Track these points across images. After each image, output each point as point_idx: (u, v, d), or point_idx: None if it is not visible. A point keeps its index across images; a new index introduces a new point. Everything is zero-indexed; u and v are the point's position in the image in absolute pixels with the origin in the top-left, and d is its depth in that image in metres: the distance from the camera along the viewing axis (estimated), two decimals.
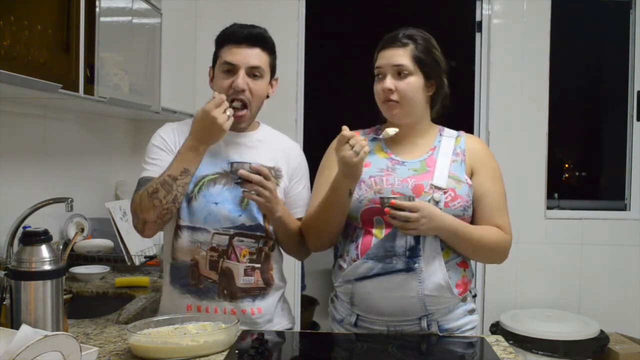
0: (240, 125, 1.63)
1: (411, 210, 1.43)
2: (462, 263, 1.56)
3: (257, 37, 1.60)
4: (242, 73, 1.57)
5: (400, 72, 1.55)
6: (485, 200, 1.57)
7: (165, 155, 1.60)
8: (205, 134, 1.50)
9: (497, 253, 1.59)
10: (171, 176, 1.50)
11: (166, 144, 1.63)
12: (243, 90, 1.58)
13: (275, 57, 1.66)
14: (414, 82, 1.55)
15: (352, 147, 1.41)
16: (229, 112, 1.50)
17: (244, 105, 1.60)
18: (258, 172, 1.49)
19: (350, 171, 1.44)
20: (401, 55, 1.55)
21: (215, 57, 1.64)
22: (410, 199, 1.47)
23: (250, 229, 1.60)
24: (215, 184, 1.61)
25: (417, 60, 1.55)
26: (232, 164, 1.57)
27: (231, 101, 1.56)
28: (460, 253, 1.55)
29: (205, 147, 1.52)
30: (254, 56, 1.59)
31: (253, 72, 1.59)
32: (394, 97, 1.55)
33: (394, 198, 1.46)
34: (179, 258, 1.61)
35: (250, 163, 1.54)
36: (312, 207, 1.62)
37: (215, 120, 1.47)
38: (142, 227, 1.56)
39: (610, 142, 3.93)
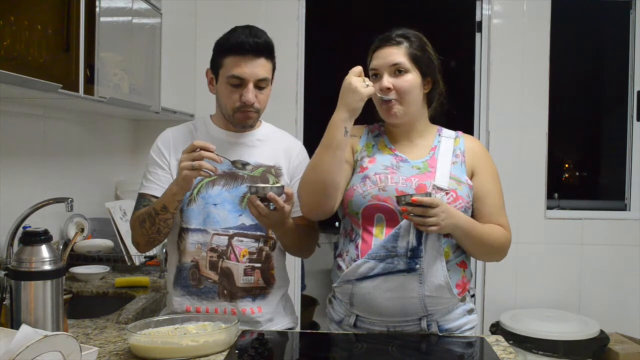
0: (249, 124, 1.65)
1: (431, 205, 1.42)
2: (462, 263, 1.56)
3: (262, 47, 1.58)
4: (251, 87, 1.58)
5: (397, 70, 1.55)
6: (487, 200, 1.59)
7: (161, 172, 1.64)
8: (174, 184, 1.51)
9: (502, 251, 1.61)
10: (155, 210, 1.54)
11: (162, 157, 1.65)
12: (252, 104, 1.59)
13: (275, 59, 1.65)
14: (412, 79, 1.55)
15: (364, 81, 1.46)
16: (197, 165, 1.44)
17: (256, 111, 1.62)
18: (286, 195, 1.46)
19: (355, 102, 1.47)
20: (397, 54, 1.55)
21: (217, 63, 1.61)
22: (427, 195, 1.45)
23: (250, 229, 1.60)
24: (214, 186, 1.61)
25: (413, 58, 1.55)
26: (251, 187, 1.47)
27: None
28: (468, 251, 1.56)
29: (182, 192, 1.50)
30: (260, 67, 1.58)
31: (260, 84, 1.60)
32: (393, 95, 1.54)
33: (412, 195, 1.43)
34: (183, 260, 1.62)
35: (269, 186, 1.45)
36: None
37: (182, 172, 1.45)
38: (137, 246, 1.64)
39: (610, 142, 3.92)
